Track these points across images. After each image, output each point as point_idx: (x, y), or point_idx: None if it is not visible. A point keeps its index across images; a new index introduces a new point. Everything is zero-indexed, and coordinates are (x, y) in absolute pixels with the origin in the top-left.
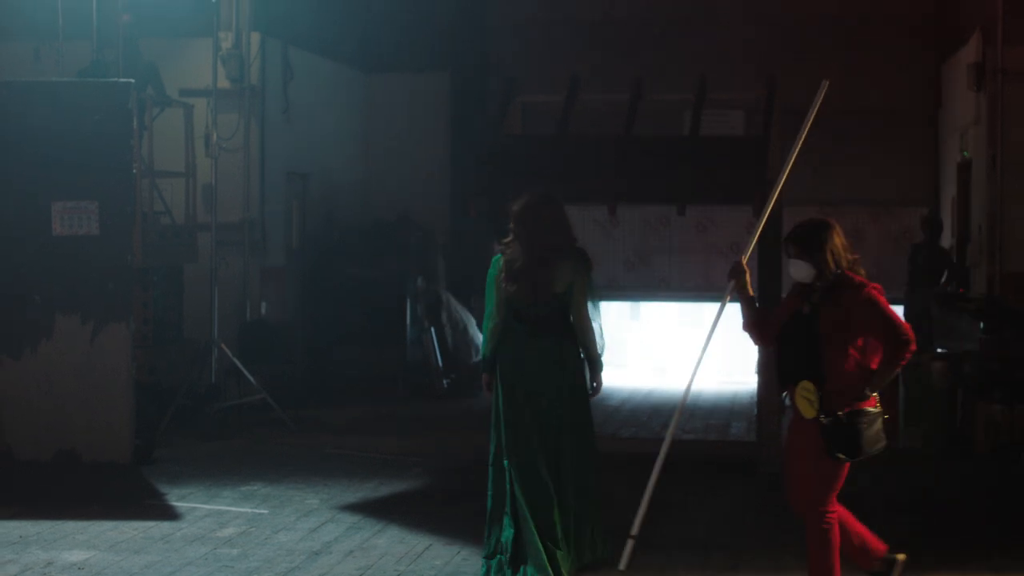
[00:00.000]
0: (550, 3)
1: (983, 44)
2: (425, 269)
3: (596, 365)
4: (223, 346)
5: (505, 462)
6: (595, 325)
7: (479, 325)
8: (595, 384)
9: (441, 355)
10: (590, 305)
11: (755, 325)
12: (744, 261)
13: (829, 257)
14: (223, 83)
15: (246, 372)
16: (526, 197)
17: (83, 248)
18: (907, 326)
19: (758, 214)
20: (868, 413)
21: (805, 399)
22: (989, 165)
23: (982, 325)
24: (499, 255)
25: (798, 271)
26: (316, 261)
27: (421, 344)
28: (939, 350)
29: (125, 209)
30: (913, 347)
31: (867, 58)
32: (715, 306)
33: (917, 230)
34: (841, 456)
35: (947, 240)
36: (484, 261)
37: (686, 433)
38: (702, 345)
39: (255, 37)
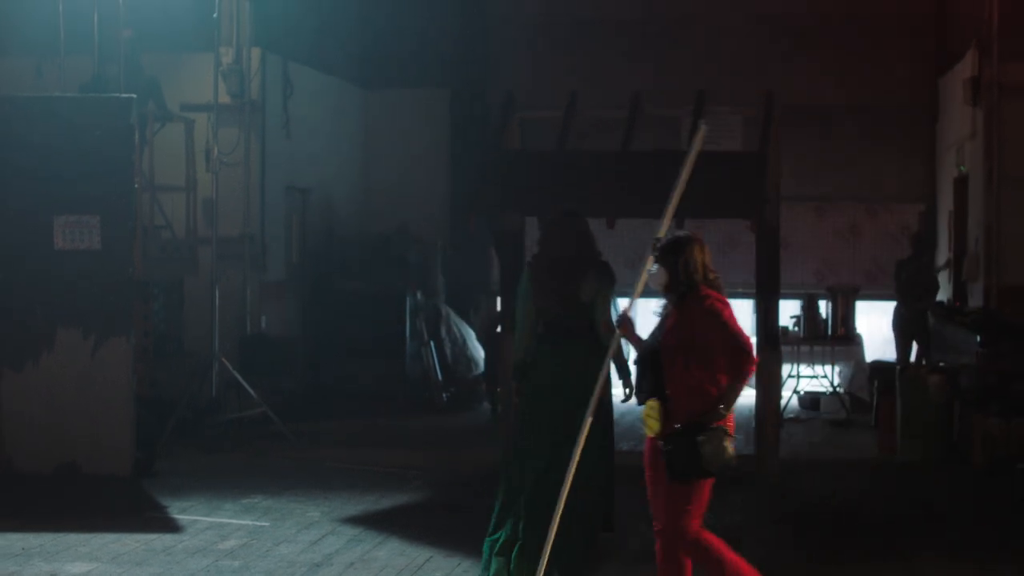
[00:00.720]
0: (550, 18)
1: (979, 59)
2: (425, 283)
3: (625, 371)
4: (224, 360)
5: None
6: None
7: (478, 338)
8: (627, 390)
9: (440, 369)
10: (614, 313)
11: None
12: (628, 312)
13: (682, 268)
14: (224, 98)
15: (247, 385)
16: (552, 214)
17: (85, 262)
18: (747, 339)
19: (754, 231)
20: (707, 429)
21: (650, 417)
22: (986, 179)
23: (979, 338)
24: (528, 269)
25: (653, 278)
26: (316, 275)
27: (421, 358)
28: (938, 363)
29: (126, 223)
30: (752, 362)
31: (863, 55)
32: None
33: (914, 225)
34: (682, 475)
35: (943, 255)
36: (483, 275)
37: None
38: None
39: (256, 53)
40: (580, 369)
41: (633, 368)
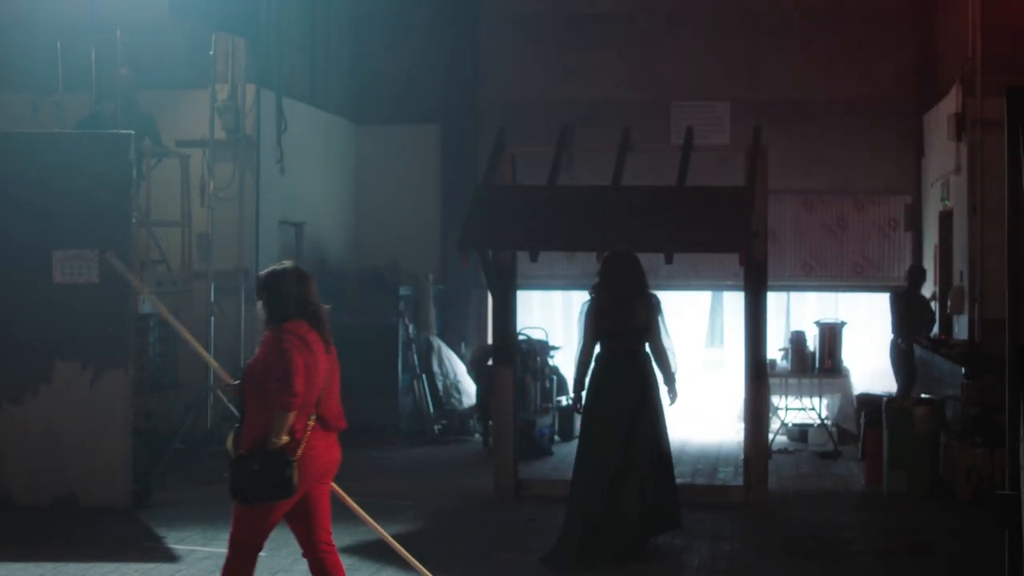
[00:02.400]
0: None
1: (963, 95)
2: (417, 317)
3: (672, 381)
4: (218, 392)
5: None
6: (668, 350)
7: (470, 372)
8: (672, 396)
9: (432, 401)
10: (664, 333)
11: None
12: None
13: (274, 300)
14: (219, 134)
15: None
16: (610, 252)
17: (83, 295)
18: (295, 371)
19: (742, 264)
20: (265, 455)
21: (230, 442)
22: (970, 214)
23: (964, 370)
24: (590, 297)
25: (259, 312)
26: None
27: (413, 390)
28: (923, 395)
29: (124, 257)
30: (288, 393)
31: (850, 49)
32: (700, 295)
33: (901, 220)
34: (238, 496)
35: (929, 288)
36: (476, 309)
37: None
38: None
39: (250, 89)
40: (633, 376)
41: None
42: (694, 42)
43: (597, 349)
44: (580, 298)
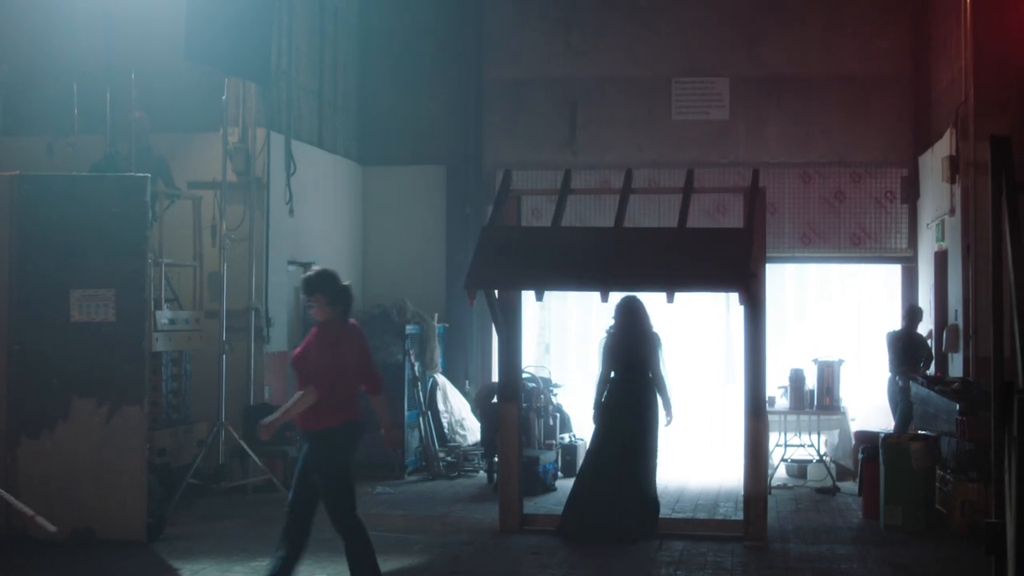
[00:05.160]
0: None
1: (957, 139)
2: (423, 355)
3: (668, 403)
4: (229, 428)
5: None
6: (665, 377)
7: (473, 410)
8: (669, 416)
9: (437, 438)
10: (662, 365)
11: None
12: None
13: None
14: (230, 176)
15: (252, 453)
16: (621, 300)
17: (100, 333)
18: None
19: (741, 303)
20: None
21: None
22: (964, 254)
23: (958, 407)
24: (607, 334)
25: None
26: None
27: (419, 427)
28: (919, 431)
29: (140, 296)
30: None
31: (847, 24)
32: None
33: (897, 192)
34: None
35: (926, 326)
36: (479, 347)
37: (675, 512)
38: None
39: (260, 132)
40: (639, 399)
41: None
42: (694, 20)
43: (612, 375)
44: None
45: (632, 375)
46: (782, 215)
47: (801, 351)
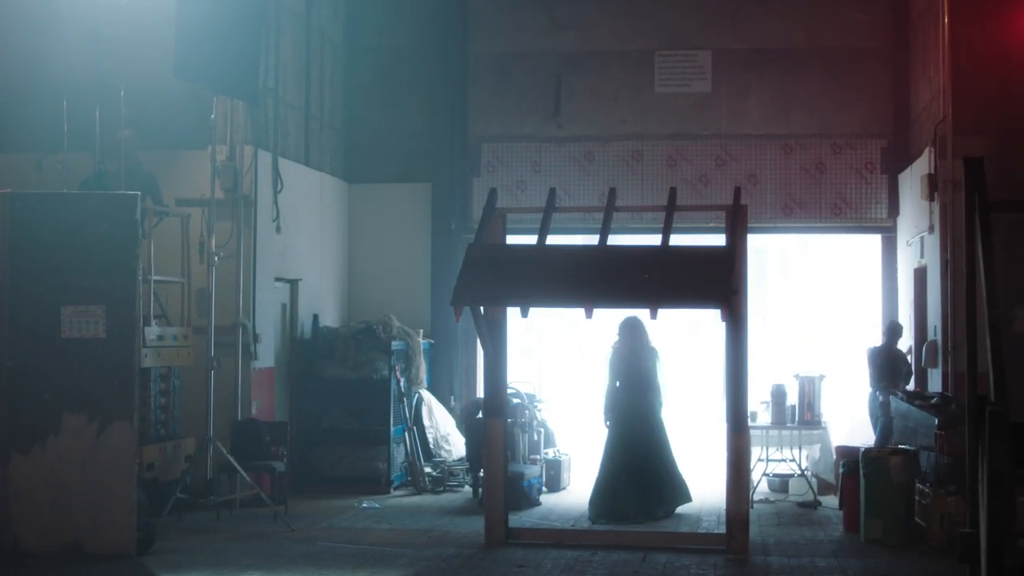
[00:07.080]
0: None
1: (936, 157)
2: (408, 371)
3: (662, 405)
4: (218, 443)
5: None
6: (662, 385)
7: (458, 425)
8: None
9: (423, 453)
10: (659, 374)
11: None
12: None
13: None
14: (218, 193)
15: (240, 468)
16: (624, 319)
17: (90, 350)
18: None
19: (724, 319)
20: None
21: None
22: (942, 271)
23: (937, 422)
24: (612, 349)
25: None
26: (304, 363)
27: (404, 442)
28: (899, 446)
29: (130, 313)
30: None
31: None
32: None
33: (877, 163)
34: None
35: (906, 342)
36: (464, 363)
37: (659, 526)
38: None
39: (248, 150)
40: (642, 405)
41: None
42: None
43: (617, 384)
44: None
45: (635, 384)
46: (764, 186)
47: (779, 333)
